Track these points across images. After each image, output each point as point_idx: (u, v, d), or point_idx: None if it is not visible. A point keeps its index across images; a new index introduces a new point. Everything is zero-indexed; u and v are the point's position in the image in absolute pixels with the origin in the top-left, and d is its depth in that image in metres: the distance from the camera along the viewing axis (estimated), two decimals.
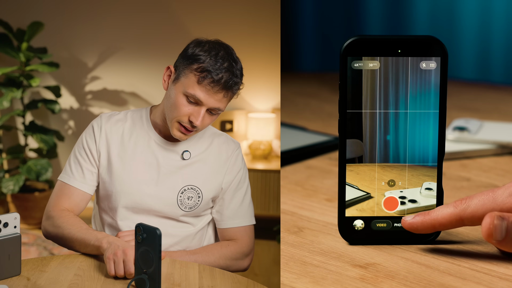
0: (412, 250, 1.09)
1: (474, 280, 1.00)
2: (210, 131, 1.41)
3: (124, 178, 1.34)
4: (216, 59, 1.26)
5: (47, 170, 3.07)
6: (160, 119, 1.35)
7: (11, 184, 3.07)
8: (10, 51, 3.09)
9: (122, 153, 1.35)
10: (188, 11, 3.38)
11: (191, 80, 1.27)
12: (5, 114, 3.24)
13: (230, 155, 1.39)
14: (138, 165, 1.34)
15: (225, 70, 1.26)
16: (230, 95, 1.29)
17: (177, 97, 1.28)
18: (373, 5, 2.86)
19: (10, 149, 3.26)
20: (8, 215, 1.12)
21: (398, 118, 1.07)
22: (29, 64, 3.13)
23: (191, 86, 1.26)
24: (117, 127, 1.36)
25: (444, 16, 2.72)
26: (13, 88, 3.08)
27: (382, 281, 0.99)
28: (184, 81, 1.28)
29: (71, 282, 1.13)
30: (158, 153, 1.35)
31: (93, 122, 1.37)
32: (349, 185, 1.09)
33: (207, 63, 1.26)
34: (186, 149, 1.36)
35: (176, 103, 1.28)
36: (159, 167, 1.34)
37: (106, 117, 1.37)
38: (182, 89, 1.27)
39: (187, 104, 1.28)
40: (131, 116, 1.38)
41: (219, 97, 1.27)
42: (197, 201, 1.35)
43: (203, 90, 1.26)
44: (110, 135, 1.35)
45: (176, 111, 1.28)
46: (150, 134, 1.36)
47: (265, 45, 3.35)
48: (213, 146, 1.38)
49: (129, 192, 1.33)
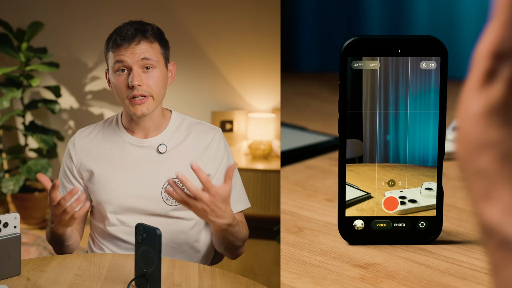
0: (412, 250, 1.09)
1: (474, 280, 1.00)
2: (187, 122, 1.40)
3: (106, 185, 1.34)
4: (122, 26, 1.34)
5: (47, 170, 3.07)
6: (127, 119, 1.37)
7: (11, 184, 3.07)
8: (10, 51, 3.09)
9: (100, 161, 1.36)
10: (188, 11, 3.38)
11: (110, 55, 1.34)
12: (5, 114, 3.24)
13: (209, 142, 1.37)
14: (117, 170, 1.35)
15: (130, 26, 1.33)
16: (147, 41, 1.33)
17: (113, 78, 1.33)
18: (373, 5, 2.86)
19: (10, 149, 3.26)
20: (8, 215, 1.12)
21: (398, 118, 1.07)
22: (29, 64, 3.13)
23: (111, 58, 1.33)
24: (90, 139, 1.39)
25: (444, 16, 2.72)
26: (13, 88, 3.08)
27: (382, 281, 0.99)
28: (109, 63, 1.34)
29: (71, 282, 1.13)
30: (135, 153, 1.36)
31: (69, 143, 1.42)
32: (349, 185, 1.09)
33: (113, 32, 1.34)
34: (161, 143, 1.36)
35: (114, 84, 1.33)
36: (137, 166, 1.35)
37: (79, 133, 1.43)
38: (110, 68, 1.34)
39: (120, 76, 1.32)
40: (103, 125, 1.42)
41: (134, 47, 1.31)
42: None
43: (117, 51, 1.32)
44: (84, 149, 1.38)
45: (118, 90, 1.33)
46: (123, 136, 1.37)
47: (265, 45, 3.35)
48: (191, 136, 1.38)
49: (114, 197, 1.34)
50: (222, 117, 3.45)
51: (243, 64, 3.41)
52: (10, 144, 3.36)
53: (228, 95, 3.49)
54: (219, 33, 3.35)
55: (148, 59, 1.31)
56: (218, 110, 3.47)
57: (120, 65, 1.31)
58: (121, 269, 1.18)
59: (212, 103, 3.46)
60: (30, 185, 3.26)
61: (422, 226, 1.11)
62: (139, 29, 1.32)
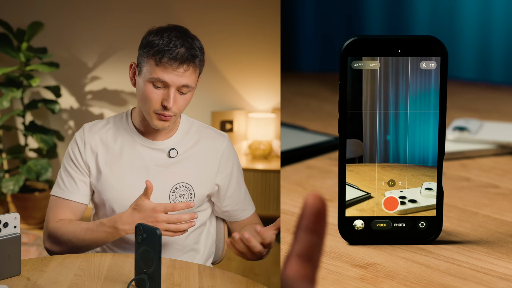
0: (412, 250, 1.09)
1: (474, 280, 1.00)
2: (196, 127, 1.41)
3: (114, 185, 1.34)
4: (169, 39, 1.29)
5: (47, 170, 3.07)
6: (139, 119, 1.36)
7: (11, 184, 3.07)
8: (10, 51, 3.09)
9: (109, 160, 1.35)
10: (188, 11, 3.38)
11: (151, 65, 1.29)
12: (5, 114, 3.24)
13: (219, 149, 1.38)
14: (126, 170, 1.34)
15: (180, 46, 1.29)
16: (193, 68, 1.30)
17: (145, 87, 1.30)
18: (373, 5, 2.86)
19: (10, 149, 3.26)
20: (8, 215, 1.12)
21: (398, 118, 1.07)
22: (29, 64, 3.13)
23: (153, 71, 1.29)
24: (100, 136, 1.37)
25: (444, 16, 2.72)
26: (13, 88, 3.08)
27: (382, 281, 0.99)
28: (145, 70, 1.30)
29: (71, 282, 1.13)
30: (145, 154, 1.35)
31: (76, 135, 1.38)
32: (349, 185, 1.09)
33: (161, 44, 1.29)
34: (172, 147, 1.36)
35: (145, 93, 1.30)
36: (147, 168, 1.34)
37: (88, 128, 1.38)
38: (146, 77, 1.30)
39: (155, 91, 1.29)
40: (113, 121, 1.39)
41: (181, 72, 1.28)
42: (189, 198, 1.35)
43: (163, 70, 1.28)
44: (94, 145, 1.36)
45: (148, 101, 1.30)
46: (134, 137, 1.36)
47: (265, 45, 3.35)
48: (201, 142, 1.38)
49: (121, 198, 1.33)
50: (222, 117, 3.45)
51: (243, 64, 3.41)
52: (10, 144, 3.36)
53: (228, 95, 3.49)
54: (219, 33, 3.35)
55: (188, 86, 1.30)
56: (218, 110, 3.47)
57: (160, 83, 1.28)
58: (121, 269, 1.18)
59: (212, 103, 3.46)
60: (30, 185, 3.26)
61: (422, 226, 1.11)
62: (189, 54, 1.28)
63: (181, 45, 1.28)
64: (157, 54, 1.27)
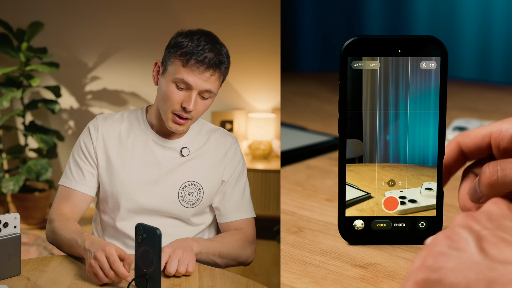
0: (412, 250, 1.09)
1: None
2: (207, 128, 1.42)
3: (124, 179, 1.34)
4: (198, 42, 1.29)
5: (47, 170, 3.07)
6: (155, 117, 1.36)
7: (11, 184, 3.07)
8: (10, 51, 3.09)
9: (121, 153, 1.35)
10: (188, 11, 3.38)
11: (177, 65, 1.29)
12: (5, 114, 3.24)
13: (228, 148, 1.40)
14: (137, 165, 1.35)
15: (209, 50, 1.29)
16: (218, 74, 1.30)
17: (167, 86, 1.30)
18: (373, 5, 2.86)
19: (10, 149, 3.26)
20: (8, 215, 1.12)
21: (398, 118, 1.07)
22: (29, 64, 3.13)
23: (178, 71, 1.28)
24: (113, 128, 1.37)
25: (444, 16, 2.72)
26: (13, 88, 3.08)
27: (382, 281, 0.99)
28: (170, 69, 1.30)
29: (71, 282, 1.13)
30: (157, 152, 1.36)
31: (89, 124, 1.38)
32: (349, 185, 1.09)
33: (190, 46, 1.28)
34: (185, 146, 1.37)
35: (167, 93, 1.30)
36: (158, 165, 1.35)
37: (102, 119, 1.38)
38: (170, 77, 1.30)
39: (177, 91, 1.29)
40: (128, 116, 1.39)
41: (206, 77, 1.28)
42: (198, 196, 1.36)
43: (189, 72, 1.28)
44: (107, 136, 1.36)
45: (168, 101, 1.30)
46: (148, 133, 1.37)
47: (265, 45, 3.35)
48: (211, 141, 1.40)
49: (130, 192, 1.34)
50: (222, 117, 3.45)
51: (243, 64, 3.41)
52: (10, 144, 3.36)
53: (228, 95, 3.49)
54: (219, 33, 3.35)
55: (210, 92, 1.30)
56: (218, 110, 3.47)
57: (183, 84, 1.28)
58: None
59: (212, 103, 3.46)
60: (30, 185, 3.26)
61: (422, 226, 1.11)
62: (217, 60, 1.29)
63: (209, 50, 1.28)
64: (185, 56, 1.28)
